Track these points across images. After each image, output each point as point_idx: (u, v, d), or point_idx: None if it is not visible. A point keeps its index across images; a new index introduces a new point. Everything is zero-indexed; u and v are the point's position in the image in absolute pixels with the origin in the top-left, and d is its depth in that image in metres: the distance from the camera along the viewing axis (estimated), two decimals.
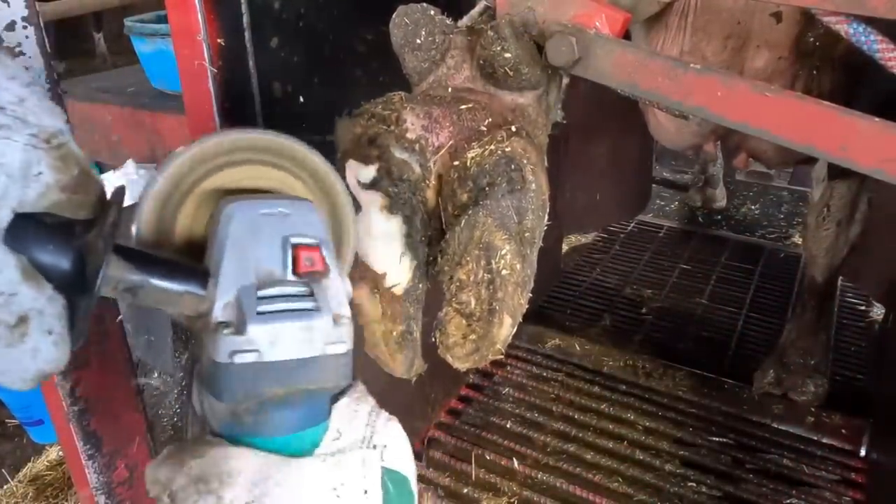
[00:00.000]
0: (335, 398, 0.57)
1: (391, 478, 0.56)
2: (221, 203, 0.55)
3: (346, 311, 0.54)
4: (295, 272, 0.53)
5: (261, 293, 0.51)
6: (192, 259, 0.56)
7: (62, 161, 0.43)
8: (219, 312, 0.50)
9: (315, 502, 0.50)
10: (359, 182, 0.72)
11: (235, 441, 0.52)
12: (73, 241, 0.46)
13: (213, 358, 0.50)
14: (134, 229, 0.55)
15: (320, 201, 0.62)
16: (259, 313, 0.50)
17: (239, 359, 0.49)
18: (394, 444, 0.58)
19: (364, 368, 0.63)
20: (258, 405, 0.51)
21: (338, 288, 0.54)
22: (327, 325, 0.52)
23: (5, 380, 0.45)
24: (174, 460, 0.50)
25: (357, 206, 0.72)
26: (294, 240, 0.53)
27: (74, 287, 0.46)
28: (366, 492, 0.53)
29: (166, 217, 0.56)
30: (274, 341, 0.50)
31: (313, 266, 0.53)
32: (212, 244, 0.54)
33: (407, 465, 0.59)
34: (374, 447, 0.56)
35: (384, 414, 0.59)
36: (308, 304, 0.52)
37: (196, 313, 0.52)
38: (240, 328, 0.49)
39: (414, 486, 0.60)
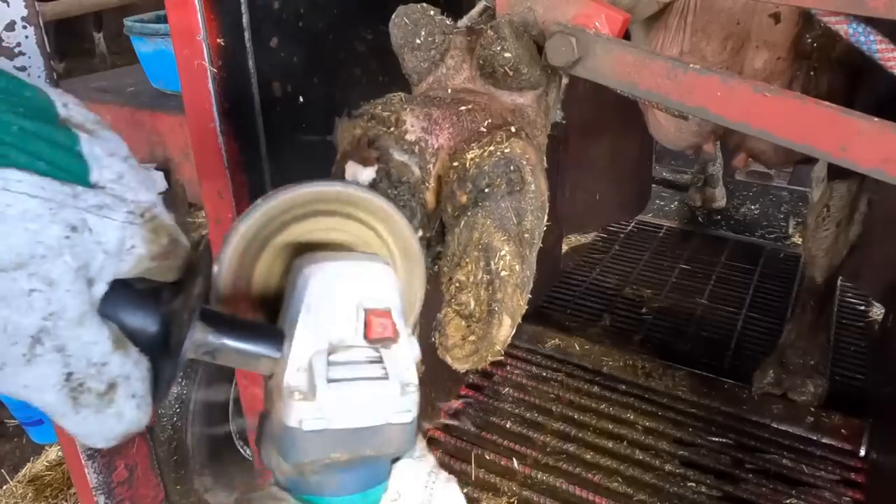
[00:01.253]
0: (397, 457, 0.58)
1: None
2: (298, 262, 0.56)
3: (414, 379, 0.54)
4: (366, 337, 0.53)
5: (332, 358, 0.52)
6: (267, 311, 0.58)
7: (154, 233, 0.45)
8: (291, 377, 0.51)
9: None
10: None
11: (299, 497, 0.53)
12: (161, 306, 0.48)
13: (283, 421, 0.51)
14: (214, 274, 0.56)
15: (394, 256, 0.63)
16: (329, 380, 0.51)
17: (307, 426, 0.50)
18: None
19: None
20: (323, 467, 0.52)
21: (406, 354, 0.55)
22: (394, 394, 0.52)
23: (89, 441, 0.47)
24: None
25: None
26: (367, 304, 0.54)
27: (159, 350, 0.48)
28: None
29: (244, 268, 0.58)
30: (342, 409, 0.51)
31: (384, 332, 0.54)
32: (288, 305, 0.55)
33: None
34: None
35: (443, 475, 0.61)
36: (377, 372, 0.53)
37: (270, 373, 0.54)
38: (310, 395, 0.50)
39: None
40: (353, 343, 0.53)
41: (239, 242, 0.56)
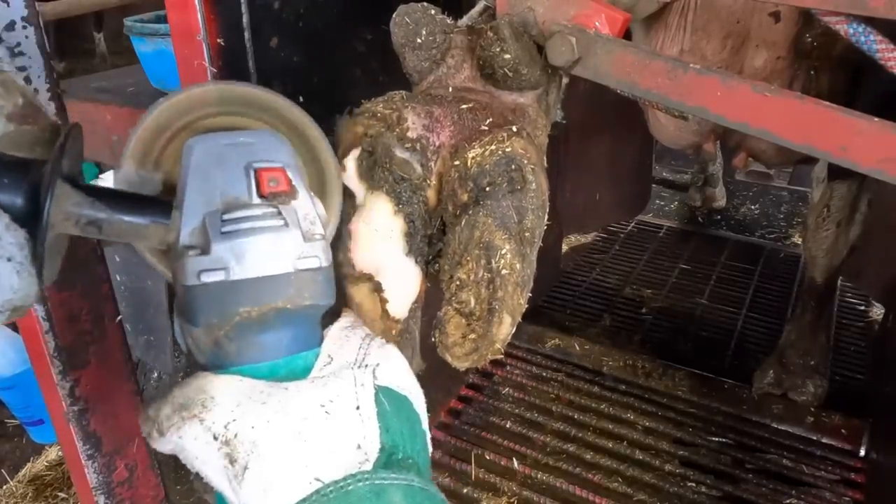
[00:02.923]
0: (326, 325, 0.56)
1: (387, 395, 0.54)
2: (188, 140, 0.55)
3: (319, 230, 0.53)
4: (260, 195, 0.52)
5: (226, 216, 0.51)
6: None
7: (4, 88, 0.44)
8: (185, 238, 0.50)
9: (302, 419, 0.49)
10: (359, 176, 0.72)
11: (223, 372, 0.51)
12: (27, 177, 0.47)
13: (183, 282, 0.50)
14: (115, 176, 0.56)
15: (303, 156, 0.62)
16: (223, 232, 0.50)
17: (206, 277, 0.49)
18: (389, 364, 0.56)
19: None
20: (236, 329, 0.50)
21: (307, 208, 0.54)
22: (296, 241, 0.51)
23: None
24: (161, 395, 0.51)
25: (352, 200, 0.73)
26: (257, 164, 0.53)
27: (33, 223, 0.46)
28: (357, 407, 0.51)
29: (148, 165, 0.57)
30: (240, 257, 0.49)
31: (278, 186, 0.53)
32: (179, 178, 0.54)
33: (406, 383, 0.57)
34: (367, 366, 0.55)
35: (378, 339, 0.58)
36: (275, 222, 0.51)
37: (164, 244, 0.53)
38: (205, 248, 0.49)
39: (419, 405, 0.58)
40: (247, 201, 0.52)
41: (135, 148, 0.56)
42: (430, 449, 0.59)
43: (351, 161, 0.72)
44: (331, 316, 0.60)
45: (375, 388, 0.53)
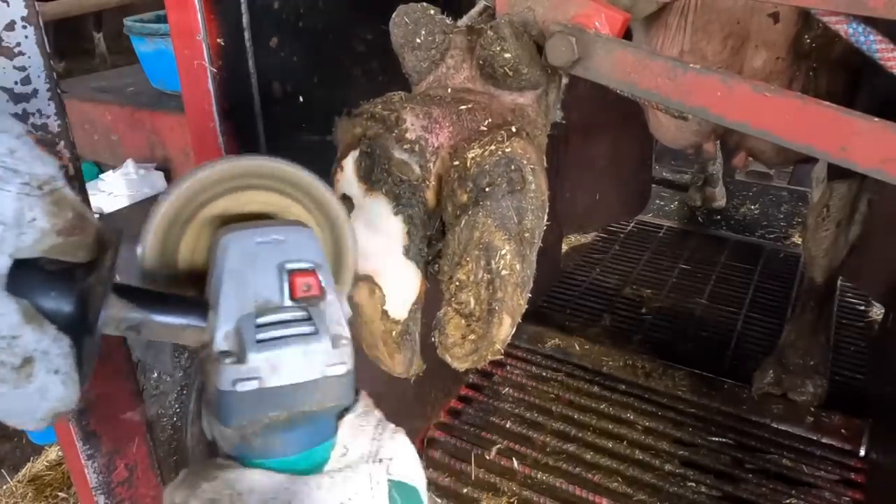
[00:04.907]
0: (341, 414, 0.58)
1: (399, 490, 0.57)
2: (218, 234, 0.57)
3: (345, 332, 0.55)
4: (292, 297, 0.54)
5: (259, 321, 0.52)
6: (195, 286, 0.58)
7: (56, 206, 0.45)
8: (220, 343, 0.52)
9: None
10: (358, 178, 0.72)
11: (246, 463, 0.53)
12: (75, 285, 0.48)
13: (218, 386, 0.51)
14: (139, 255, 0.57)
15: (319, 224, 0.63)
16: (258, 341, 0.51)
17: (241, 387, 0.50)
18: (400, 457, 0.59)
19: (363, 368, 0.63)
20: (264, 428, 0.52)
21: (335, 310, 0.55)
22: (326, 348, 0.53)
23: (17, 421, 0.47)
24: (189, 484, 0.52)
25: (351, 205, 0.73)
26: (290, 265, 0.55)
27: (78, 329, 0.48)
28: None
29: (169, 244, 0.58)
30: (274, 367, 0.51)
31: (310, 291, 0.54)
32: (210, 275, 0.55)
33: (415, 475, 0.60)
34: (381, 461, 0.57)
35: (390, 427, 0.60)
36: (306, 329, 0.53)
37: (199, 344, 0.54)
38: (240, 357, 0.51)
39: (424, 495, 0.61)
40: (279, 304, 0.53)
41: (161, 220, 0.57)
42: None
43: (349, 162, 0.72)
44: None
45: (389, 484, 0.56)
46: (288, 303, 0.54)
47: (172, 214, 0.57)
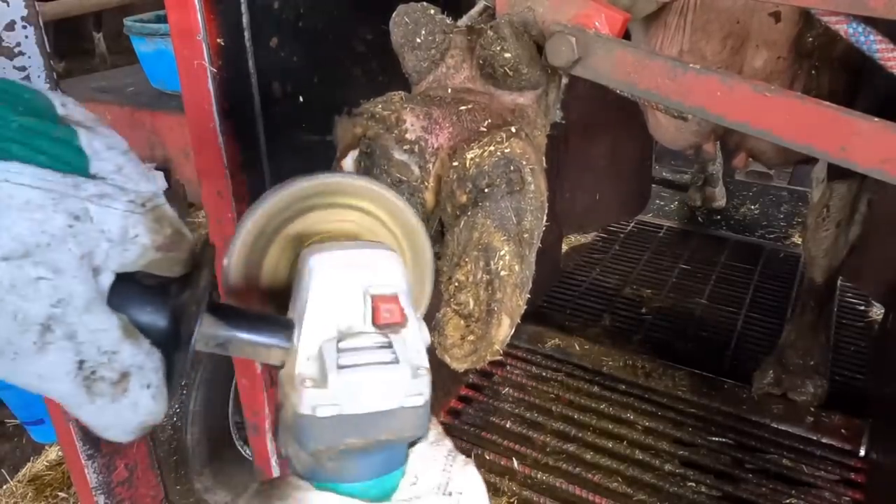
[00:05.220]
0: (413, 442, 0.58)
1: None
2: (304, 253, 0.57)
3: (424, 362, 0.55)
4: (374, 323, 0.54)
5: (341, 345, 0.52)
6: (276, 301, 0.59)
7: (157, 223, 0.47)
8: (302, 366, 0.52)
9: None
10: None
11: (316, 485, 0.53)
12: (170, 300, 0.49)
13: (297, 410, 0.51)
14: (224, 267, 0.58)
15: (402, 248, 0.64)
16: (340, 367, 0.51)
17: (321, 412, 0.50)
18: (470, 491, 0.59)
19: None
20: (339, 453, 0.52)
21: (416, 338, 0.55)
22: (405, 377, 0.53)
23: (109, 433, 0.47)
24: (261, 500, 0.53)
25: None
26: (373, 291, 0.55)
27: (170, 344, 0.49)
28: None
29: (253, 261, 0.59)
30: (354, 395, 0.51)
31: (392, 317, 0.54)
32: (295, 295, 0.56)
33: None
34: (451, 494, 0.57)
35: (461, 458, 0.60)
36: (387, 357, 0.53)
37: (281, 363, 0.54)
38: (321, 382, 0.51)
39: None
40: (362, 329, 0.54)
41: (247, 236, 0.58)
42: None
43: (349, 162, 0.72)
44: None
45: None
46: (370, 328, 0.54)
47: (258, 229, 0.58)
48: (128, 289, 0.47)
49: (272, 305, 0.61)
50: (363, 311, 0.54)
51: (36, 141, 0.41)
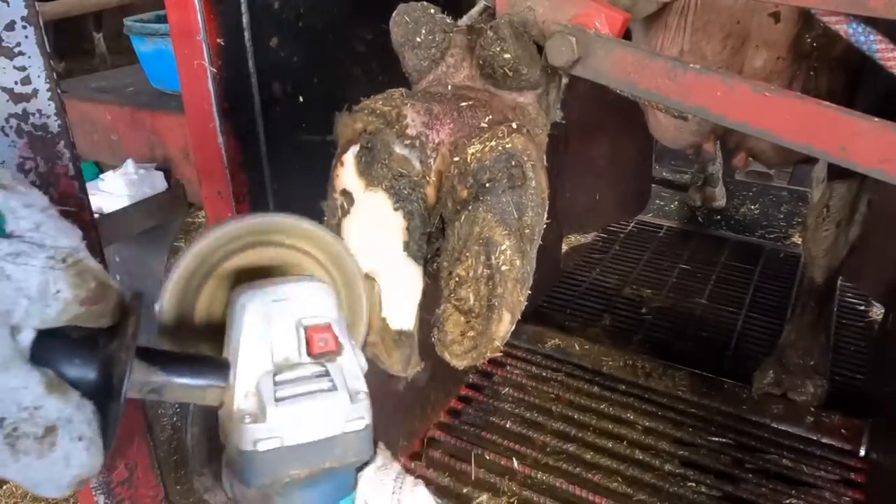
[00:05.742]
0: (361, 467, 0.59)
1: None
2: (235, 292, 0.58)
3: (363, 387, 0.55)
4: (309, 353, 0.55)
5: (278, 378, 0.53)
6: (212, 339, 0.60)
7: (79, 277, 0.46)
8: (240, 402, 0.52)
9: None
10: (358, 173, 0.72)
11: None
12: (98, 352, 0.49)
13: (239, 447, 0.52)
14: (157, 310, 0.58)
15: (332, 277, 0.64)
16: (278, 399, 0.52)
17: (262, 446, 0.51)
18: None
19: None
20: (285, 486, 0.53)
21: (352, 364, 0.56)
22: (345, 403, 0.53)
23: (40, 490, 0.47)
24: None
25: (351, 201, 0.73)
26: (306, 322, 0.56)
27: (102, 395, 0.49)
28: None
29: (188, 298, 0.60)
30: (294, 425, 0.51)
31: (326, 346, 0.55)
32: (229, 334, 0.57)
33: None
34: None
35: (409, 479, 0.61)
36: (325, 385, 0.54)
37: (220, 403, 0.55)
38: (261, 416, 0.51)
39: None
40: (297, 361, 0.54)
41: (178, 278, 0.58)
42: None
43: (350, 157, 0.72)
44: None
45: None
46: (305, 359, 0.55)
47: (189, 272, 0.58)
48: (54, 343, 0.47)
49: (209, 345, 0.61)
50: (297, 342, 0.55)
51: None
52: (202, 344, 0.61)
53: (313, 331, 0.55)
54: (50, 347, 0.46)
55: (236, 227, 0.59)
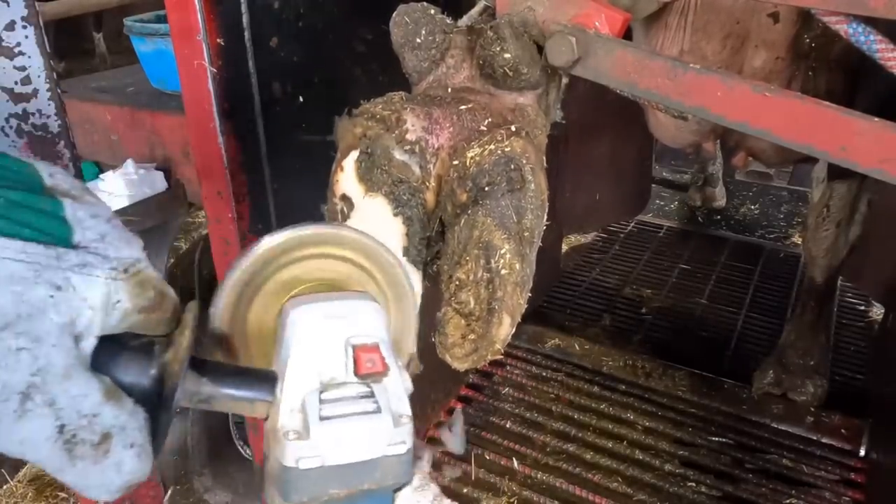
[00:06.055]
0: (399, 488, 0.59)
1: None
2: (286, 306, 0.58)
3: (406, 410, 0.56)
4: (356, 373, 0.55)
5: (324, 396, 0.53)
6: (263, 351, 0.61)
7: (140, 287, 0.48)
8: (285, 418, 0.53)
9: None
10: (358, 178, 0.72)
11: None
12: (154, 359, 0.50)
13: (281, 462, 0.52)
14: (210, 316, 0.59)
15: (385, 295, 0.64)
16: (322, 418, 0.52)
17: (304, 464, 0.51)
18: None
19: None
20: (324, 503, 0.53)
21: (398, 386, 0.56)
22: (388, 426, 0.53)
23: (92, 493, 0.48)
24: None
25: (351, 206, 0.73)
26: (354, 341, 0.56)
27: (154, 402, 0.50)
28: None
29: (240, 309, 0.60)
30: (336, 445, 0.52)
31: (373, 367, 0.55)
32: (278, 348, 0.57)
33: None
34: None
35: (446, 502, 0.61)
36: (369, 406, 0.54)
37: (266, 416, 0.55)
38: (304, 434, 0.52)
39: None
40: (344, 380, 0.54)
41: (233, 289, 0.59)
42: None
43: (349, 162, 0.72)
44: None
45: None
46: (352, 379, 0.55)
47: (244, 281, 0.59)
48: (112, 350, 0.48)
49: (258, 355, 0.62)
50: (345, 361, 0.55)
51: (21, 215, 0.43)
52: (253, 354, 0.62)
53: (361, 350, 0.55)
54: (107, 354, 0.47)
55: (292, 235, 0.59)
